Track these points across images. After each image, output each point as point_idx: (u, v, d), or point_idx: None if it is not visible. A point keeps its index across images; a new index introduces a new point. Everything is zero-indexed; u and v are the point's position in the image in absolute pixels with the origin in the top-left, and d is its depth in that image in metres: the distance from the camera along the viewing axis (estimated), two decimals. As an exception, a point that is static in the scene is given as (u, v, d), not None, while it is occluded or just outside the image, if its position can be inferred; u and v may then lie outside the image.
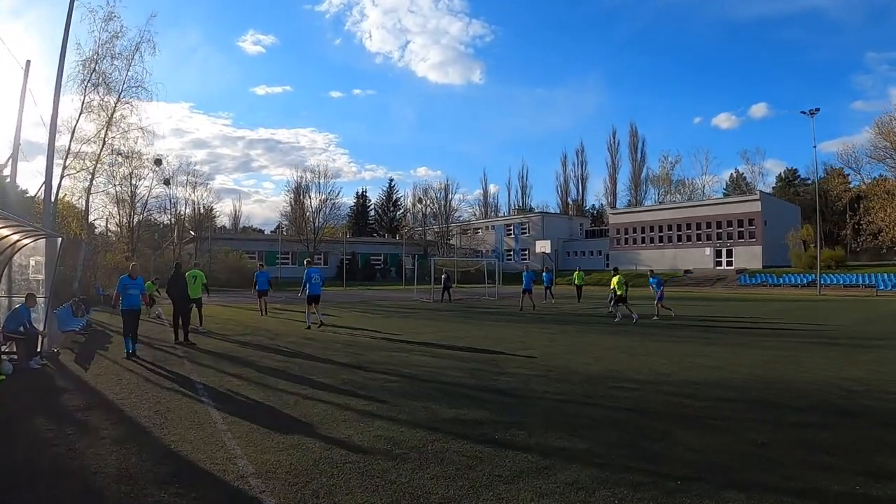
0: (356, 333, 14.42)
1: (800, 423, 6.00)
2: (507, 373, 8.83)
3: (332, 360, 10.10)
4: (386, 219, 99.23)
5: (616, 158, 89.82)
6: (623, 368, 9.27)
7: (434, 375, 8.60)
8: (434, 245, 73.28)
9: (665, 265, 59.86)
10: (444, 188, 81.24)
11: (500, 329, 15.75)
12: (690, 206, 65.25)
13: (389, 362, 9.79)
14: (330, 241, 64.47)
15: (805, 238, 54.22)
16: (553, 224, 77.26)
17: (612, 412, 6.47)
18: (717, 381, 8.27)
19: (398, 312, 22.51)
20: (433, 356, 10.57)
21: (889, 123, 49.92)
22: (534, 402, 6.91)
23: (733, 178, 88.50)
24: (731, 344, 12.42)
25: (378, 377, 8.46)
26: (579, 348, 11.75)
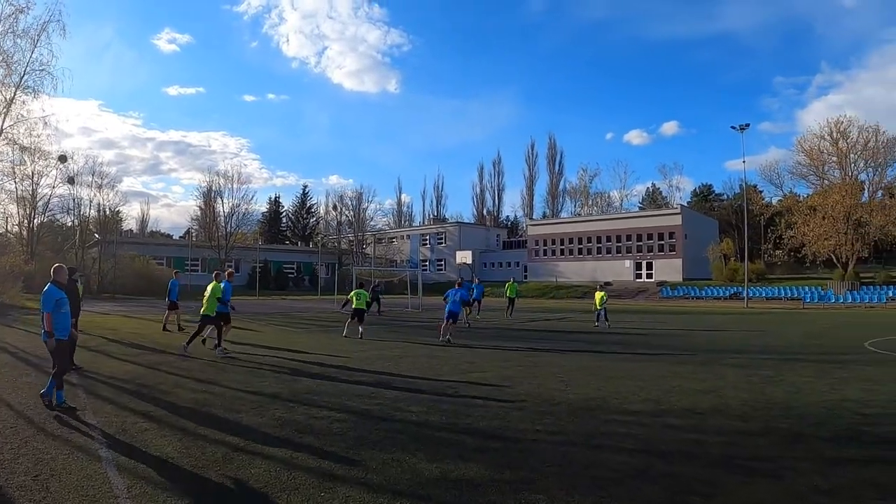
0: (281, 354, 14.06)
1: (844, 458, 6.02)
2: (475, 405, 8.56)
3: (259, 390, 9.45)
4: (299, 226, 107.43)
5: (534, 170, 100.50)
6: (604, 395, 9.33)
7: (390, 411, 8.11)
8: (348, 254, 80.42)
9: (585, 277, 65.68)
10: (359, 196, 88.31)
11: (441, 348, 15.81)
12: (611, 219, 72.80)
13: (330, 392, 9.35)
14: (242, 247, 70.44)
15: (725, 251, 61.25)
16: (470, 234, 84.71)
17: (630, 457, 6.08)
18: (717, 408, 8.45)
19: (321, 326, 22.97)
20: (380, 383, 10.23)
21: (811, 142, 58.66)
22: (529, 446, 6.44)
23: (649, 191, 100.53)
24: (700, 362, 13.27)
25: (322, 414, 7.80)
26: (540, 370, 11.87)
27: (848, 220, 53.00)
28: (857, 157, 57.06)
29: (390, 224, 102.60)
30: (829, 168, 59.14)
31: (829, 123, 57.50)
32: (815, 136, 58.68)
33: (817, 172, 59.68)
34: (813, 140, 58.66)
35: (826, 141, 57.69)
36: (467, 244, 79.29)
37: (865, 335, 20.07)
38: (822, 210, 54.29)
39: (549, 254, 74.66)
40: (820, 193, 57.16)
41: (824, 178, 59.26)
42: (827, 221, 53.49)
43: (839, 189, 54.40)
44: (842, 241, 52.90)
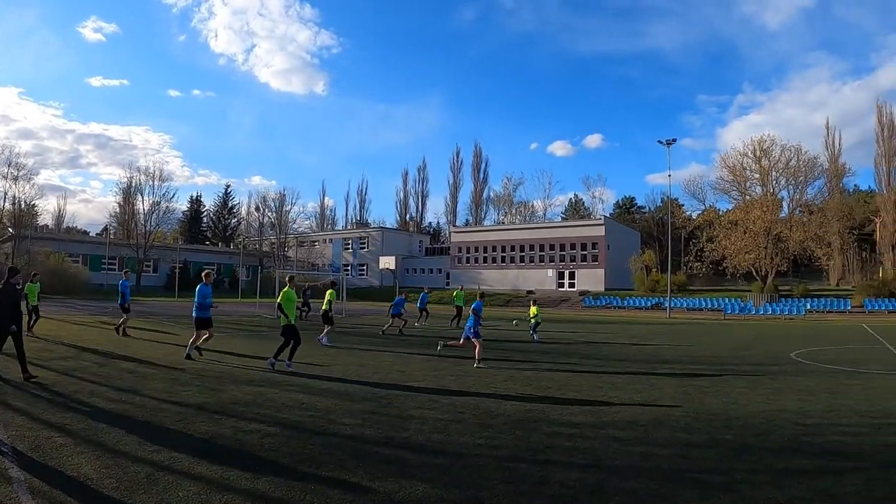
0: (204, 360, 13.62)
1: (794, 469, 6.11)
2: (411, 416, 8.41)
3: (183, 400, 9.02)
4: (220, 226, 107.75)
5: (459, 177, 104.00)
6: (543, 407, 9.29)
7: (323, 423, 7.83)
8: (270, 256, 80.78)
9: (507, 285, 67.72)
10: (282, 198, 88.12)
11: (370, 355, 15.72)
12: (535, 228, 75.63)
13: (257, 402, 9.03)
14: (161, 246, 70.96)
15: (647, 262, 64.09)
16: (393, 240, 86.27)
17: (580, 472, 5.92)
18: (659, 420, 8.49)
19: (242, 331, 22.57)
20: (309, 392, 10.03)
21: (735, 159, 62.63)
22: (473, 462, 6.24)
23: (572, 202, 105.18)
24: (634, 373, 13.44)
25: (251, 427, 7.42)
26: (473, 380, 11.84)
27: (768, 234, 56.31)
28: (778, 175, 61.11)
29: (313, 227, 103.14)
30: (751, 184, 63.07)
31: (752, 142, 61.44)
32: (738, 153, 62.58)
33: (740, 188, 63.29)
34: (736, 157, 62.55)
35: (749, 158, 61.49)
36: (390, 250, 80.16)
37: (790, 346, 20.86)
38: (743, 224, 57.47)
39: (471, 261, 76.20)
40: (741, 208, 60.46)
41: (746, 194, 62.86)
42: (748, 236, 56.59)
43: (760, 205, 57.95)
44: (762, 255, 56.10)
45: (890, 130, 68.25)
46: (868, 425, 8.30)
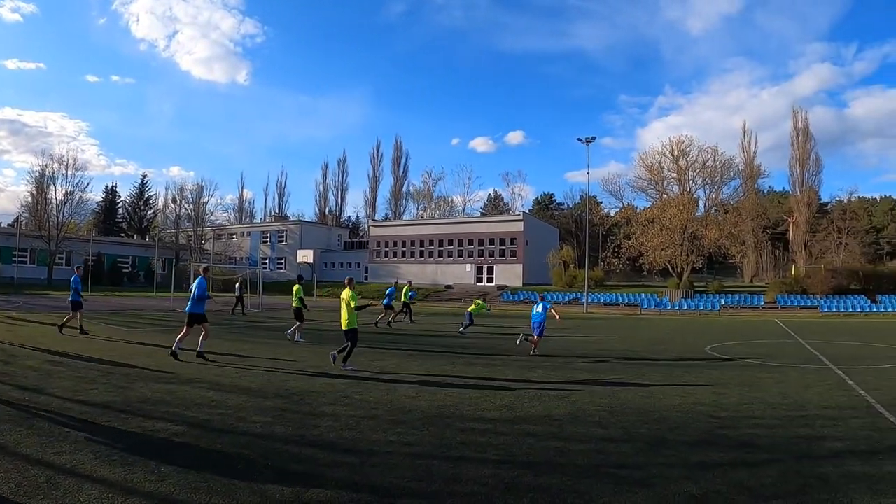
0: (112, 357, 13.36)
1: (710, 462, 6.23)
2: (323, 413, 8.37)
3: (88, 399, 8.76)
4: (136, 218, 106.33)
5: (379, 171, 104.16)
6: (457, 402, 9.32)
7: (231, 421, 7.72)
8: (186, 249, 79.82)
9: (426, 280, 67.69)
10: (199, 189, 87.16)
11: (283, 351, 15.60)
12: (454, 223, 76.50)
13: (165, 400, 8.84)
14: (74, 238, 69.45)
15: (565, 258, 65.51)
16: (311, 233, 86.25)
17: (495, 469, 5.88)
18: (574, 414, 8.59)
19: (157, 326, 22.16)
20: (219, 389, 9.88)
21: (653, 159, 64.98)
22: (385, 459, 6.21)
23: (492, 198, 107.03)
24: (550, 367, 13.59)
25: (159, 427, 7.23)
26: (388, 376, 11.93)
27: (684, 232, 58.50)
28: (695, 175, 64.01)
29: (231, 220, 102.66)
30: (668, 183, 65.61)
31: (671, 142, 63.82)
32: (657, 153, 64.96)
33: (657, 187, 65.83)
34: (655, 157, 64.90)
35: (667, 158, 63.88)
36: (308, 243, 79.47)
37: (705, 341, 21.59)
38: (660, 222, 59.52)
39: (390, 255, 76.48)
40: (658, 206, 62.66)
41: (663, 193, 65.31)
42: (664, 233, 58.61)
43: (677, 203, 60.21)
44: (678, 252, 58.15)
45: (804, 135, 72.68)
46: (781, 418, 8.58)
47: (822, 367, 14.30)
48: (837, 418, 8.50)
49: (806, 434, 7.60)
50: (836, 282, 51.41)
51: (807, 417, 8.55)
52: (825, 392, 10.68)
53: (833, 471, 5.92)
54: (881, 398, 9.90)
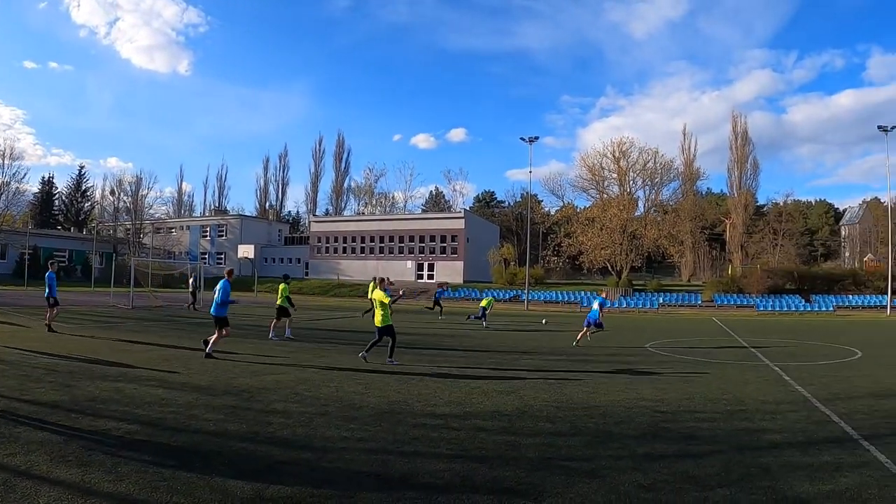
0: (56, 353, 13.23)
1: (656, 454, 6.52)
2: (275, 410, 8.39)
3: (36, 398, 8.60)
4: (73, 210, 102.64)
5: (320, 166, 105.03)
6: (406, 398, 9.50)
7: (185, 419, 7.69)
8: (125, 243, 78.68)
9: (367, 276, 67.11)
10: (138, 181, 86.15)
11: (229, 347, 15.26)
12: (395, 220, 77.36)
13: (115, 399, 8.73)
14: (10, 231, 68.22)
15: (506, 256, 66.65)
16: (252, 228, 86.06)
17: (448, 463, 6.04)
18: (522, 409, 8.79)
19: (98, 322, 21.97)
20: (168, 387, 9.82)
21: (594, 159, 66.36)
22: (341, 455, 6.32)
23: (433, 195, 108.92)
24: (495, 363, 13.74)
25: (110, 426, 7.15)
26: (336, 373, 11.98)
27: (624, 232, 60.22)
28: (635, 176, 65.63)
29: (170, 213, 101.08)
30: (609, 184, 67.11)
31: (612, 143, 65.32)
32: (598, 153, 66.46)
33: (598, 187, 67.30)
34: (596, 157, 66.38)
35: (608, 159, 65.36)
36: (249, 238, 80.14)
37: (645, 338, 22.23)
38: (600, 221, 61.18)
39: (331, 251, 76.72)
40: (599, 206, 64.40)
41: (604, 193, 66.92)
42: (604, 232, 60.24)
43: (617, 203, 61.96)
44: (617, 251, 59.83)
45: (743, 139, 75.88)
46: (721, 411, 8.97)
47: (759, 363, 14.90)
48: (776, 412, 8.92)
49: (746, 427, 7.96)
50: (771, 282, 53.41)
51: (746, 411, 8.94)
52: (763, 387, 11.17)
53: (773, 461, 6.25)
54: (817, 393, 10.43)
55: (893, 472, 5.85)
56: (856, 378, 12.57)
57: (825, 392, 10.58)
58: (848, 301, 49.98)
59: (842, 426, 7.94)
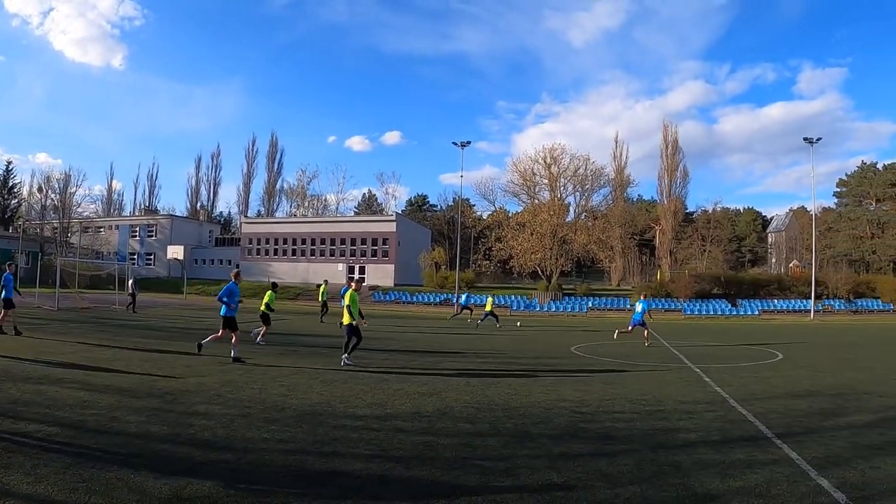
0: None
1: (571, 453, 6.70)
2: (197, 412, 8.40)
3: None
4: None
5: (253, 167, 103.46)
6: (328, 399, 9.59)
7: (107, 422, 7.61)
8: (52, 242, 75.75)
9: (297, 278, 68.17)
10: (67, 178, 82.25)
11: (155, 350, 15.33)
12: (327, 222, 77.01)
13: (36, 402, 8.63)
14: None
15: (437, 259, 67.04)
16: (182, 229, 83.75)
17: (366, 463, 6.13)
18: (442, 411, 8.92)
19: (22, 324, 20.92)
20: (91, 389, 9.71)
21: (526, 164, 67.38)
22: (260, 456, 6.38)
23: (365, 197, 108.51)
24: (420, 365, 13.89)
25: (31, 428, 7.07)
26: (260, 375, 11.96)
27: (554, 236, 61.01)
28: (566, 182, 66.96)
29: (99, 212, 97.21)
30: (540, 189, 68.18)
31: (544, 149, 66.43)
32: (530, 159, 67.61)
33: (529, 192, 68.28)
34: (528, 162, 67.43)
35: (540, 164, 66.48)
36: (179, 239, 77.75)
37: (571, 341, 22.69)
38: (530, 226, 61.91)
39: (262, 253, 75.92)
40: (530, 211, 65.36)
41: (535, 198, 67.91)
42: (535, 237, 60.95)
43: (548, 208, 62.78)
44: (547, 256, 60.62)
45: (673, 148, 78.03)
46: (640, 412, 9.22)
47: (681, 366, 15.34)
48: (693, 412, 9.22)
49: (662, 426, 8.22)
50: (699, 287, 55.03)
51: (664, 411, 9.22)
52: (683, 388, 11.53)
53: (686, 459, 6.47)
54: (734, 393, 10.82)
55: (803, 469, 6.11)
56: (774, 379, 13.09)
57: (743, 392, 10.99)
58: (773, 305, 52.13)
59: (756, 425, 8.26)
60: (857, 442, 7.32)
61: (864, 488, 5.54)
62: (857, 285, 55.63)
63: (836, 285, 54.60)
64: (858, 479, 5.82)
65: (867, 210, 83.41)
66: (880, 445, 7.15)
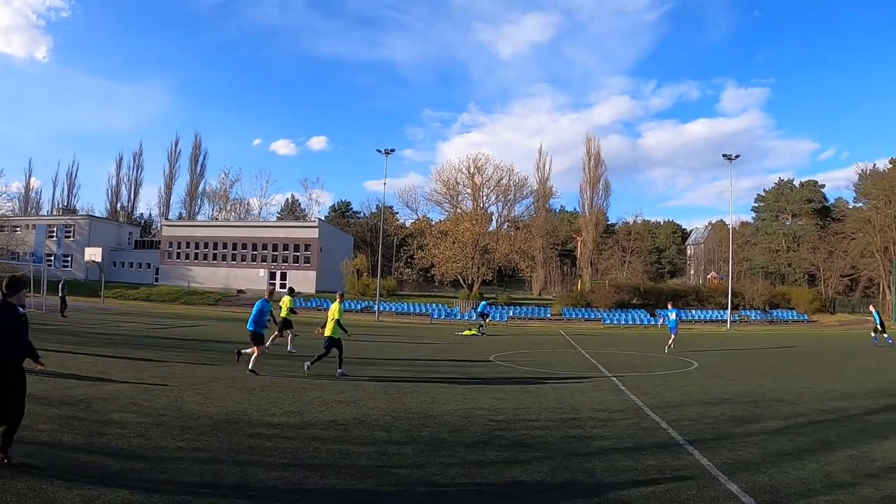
0: None
1: (486, 461, 6.79)
2: (111, 420, 8.25)
3: None
4: None
5: (175, 168, 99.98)
6: (245, 408, 9.54)
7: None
8: None
9: (218, 283, 66.88)
10: None
11: (67, 356, 14.86)
12: (249, 226, 76.36)
13: None
14: None
15: (359, 266, 66.58)
16: (101, 230, 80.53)
17: (280, 472, 6.11)
18: (359, 419, 8.96)
19: None
20: None
21: (449, 174, 68.22)
22: (174, 465, 6.29)
23: (289, 202, 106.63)
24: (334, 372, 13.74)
25: None
26: (176, 382, 11.84)
27: (476, 246, 61.81)
28: (489, 192, 68.21)
29: (15, 211, 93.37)
30: (463, 198, 69.16)
31: (468, 158, 67.66)
32: (454, 168, 68.46)
33: (452, 201, 69.03)
34: (451, 172, 68.23)
35: (463, 174, 67.49)
36: (98, 240, 74.65)
37: (490, 349, 22.82)
38: (453, 235, 62.62)
39: (182, 257, 74.06)
40: (452, 220, 66.12)
41: (457, 207, 68.72)
42: (457, 246, 61.66)
43: (470, 217, 63.67)
44: (469, 265, 61.30)
45: (596, 161, 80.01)
46: (555, 420, 9.41)
47: (598, 374, 15.68)
48: (608, 420, 9.46)
49: (577, 434, 8.41)
50: (618, 297, 56.30)
51: (579, 419, 9.42)
52: (599, 397, 11.79)
53: (599, 465, 6.66)
54: (649, 401, 11.14)
55: (713, 475, 6.36)
56: (688, 387, 13.52)
57: (657, 400, 11.34)
58: (691, 315, 53.63)
59: (669, 432, 8.54)
60: (767, 448, 7.65)
61: (773, 492, 5.80)
62: (772, 296, 58.02)
63: (752, 296, 56.84)
64: (767, 483, 6.08)
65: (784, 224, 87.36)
66: (789, 451, 7.50)
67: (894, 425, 9.37)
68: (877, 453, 7.42)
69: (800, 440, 8.17)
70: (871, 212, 66.31)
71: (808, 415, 10.17)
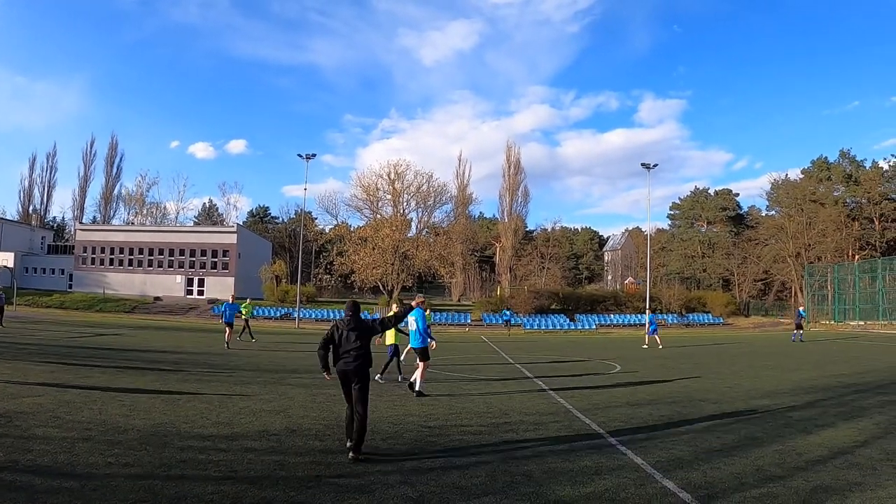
0: None
1: (424, 468, 6.81)
2: (34, 436, 7.96)
3: None
4: None
5: (90, 170, 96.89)
6: (173, 420, 9.27)
7: None
8: None
9: (134, 290, 65.40)
10: None
11: None
12: (165, 231, 74.06)
13: None
14: None
15: (278, 273, 66.40)
16: (12, 234, 77.98)
17: (216, 485, 5.96)
18: (290, 428, 8.89)
19: None
20: None
21: (369, 179, 68.05)
22: (106, 482, 6.05)
23: (206, 207, 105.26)
24: (264, 382, 13.69)
25: None
26: (98, 394, 11.47)
27: (396, 252, 62.04)
28: (410, 198, 68.32)
29: None
30: (383, 204, 68.95)
31: (389, 164, 67.44)
32: (374, 174, 68.29)
33: (372, 207, 68.88)
34: (371, 178, 68.07)
35: (384, 180, 67.37)
36: (8, 245, 72.94)
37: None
38: (372, 241, 62.70)
39: (97, 262, 71.84)
40: (372, 226, 66.14)
41: (377, 213, 68.62)
42: (377, 252, 61.82)
43: (390, 224, 63.86)
44: (389, 271, 61.55)
45: (515, 168, 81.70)
46: (487, 424, 9.48)
47: (524, 378, 15.94)
48: (539, 423, 9.61)
49: (510, 438, 8.50)
50: (538, 302, 57.40)
51: (510, 423, 9.53)
52: (527, 401, 11.95)
53: (536, 468, 6.74)
54: (577, 404, 11.38)
55: (649, 473, 6.56)
56: (614, 390, 13.87)
57: (585, 403, 11.58)
58: (609, 320, 55.24)
59: (601, 433, 8.76)
60: (697, 445, 7.95)
61: (708, 487, 6.03)
62: (688, 301, 60.42)
63: (669, 301, 58.97)
64: (701, 479, 6.32)
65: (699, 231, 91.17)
66: (719, 447, 7.82)
67: (815, 421, 9.90)
68: (802, 447, 7.83)
69: (728, 437, 8.51)
70: (783, 219, 70.05)
71: (733, 413, 10.63)
